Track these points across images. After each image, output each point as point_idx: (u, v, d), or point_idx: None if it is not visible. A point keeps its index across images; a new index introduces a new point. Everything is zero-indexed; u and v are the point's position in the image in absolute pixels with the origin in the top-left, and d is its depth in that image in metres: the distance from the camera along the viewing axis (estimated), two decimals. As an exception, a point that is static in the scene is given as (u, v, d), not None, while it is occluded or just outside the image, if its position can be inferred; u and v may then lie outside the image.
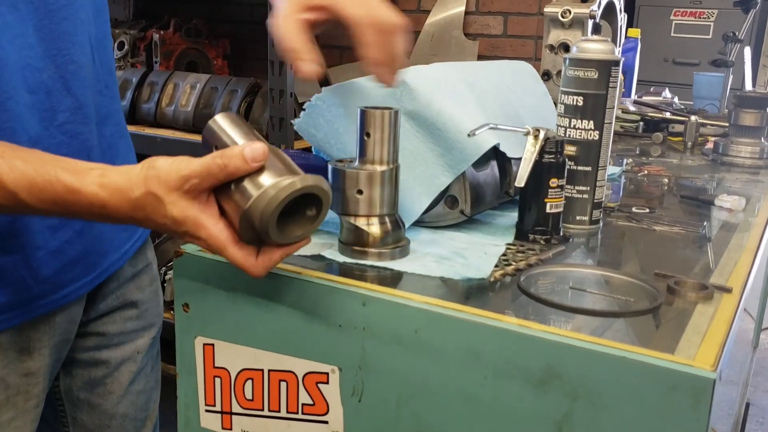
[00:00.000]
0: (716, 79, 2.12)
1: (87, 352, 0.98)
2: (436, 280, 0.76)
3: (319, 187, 0.67)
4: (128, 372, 1.02)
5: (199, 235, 0.67)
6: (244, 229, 0.67)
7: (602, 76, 0.92)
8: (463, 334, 0.67)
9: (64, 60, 0.82)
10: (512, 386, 0.64)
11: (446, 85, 0.95)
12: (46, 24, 0.80)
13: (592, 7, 1.44)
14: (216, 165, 0.65)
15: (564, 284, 0.77)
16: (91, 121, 0.86)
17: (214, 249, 0.68)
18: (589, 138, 0.94)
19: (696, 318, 0.69)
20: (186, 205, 0.66)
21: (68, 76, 0.82)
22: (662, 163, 1.55)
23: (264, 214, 0.65)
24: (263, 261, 0.68)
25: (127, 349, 1.01)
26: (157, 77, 2.61)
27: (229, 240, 0.67)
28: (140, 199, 0.66)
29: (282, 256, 0.69)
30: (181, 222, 0.66)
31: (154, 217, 0.67)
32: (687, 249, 0.94)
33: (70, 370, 0.97)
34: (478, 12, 3.17)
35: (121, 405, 1.02)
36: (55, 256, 0.85)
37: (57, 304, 0.87)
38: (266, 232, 0.66)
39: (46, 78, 0.80)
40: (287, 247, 0.69)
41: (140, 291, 1.03)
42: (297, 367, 0.76)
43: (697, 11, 3.27)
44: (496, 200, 0.98)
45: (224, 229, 0.67)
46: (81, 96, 0.84)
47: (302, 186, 0.66)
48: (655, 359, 0.60)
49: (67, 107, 0.82)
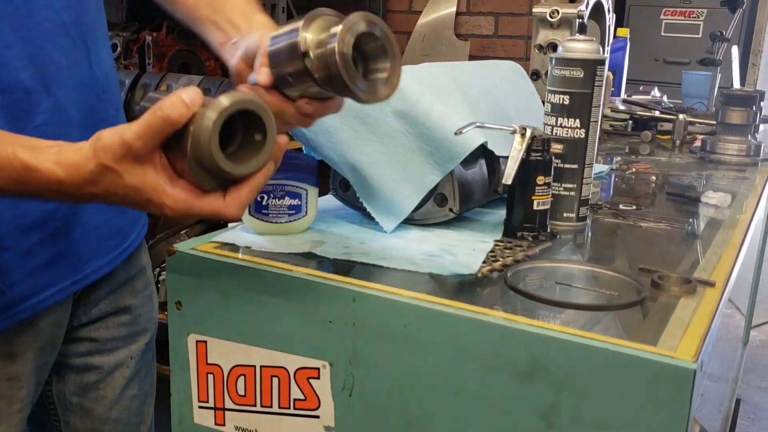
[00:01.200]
0: (704, 77, 2.14)
1: (79, 357, 0.97)
2: (424, 276, 0.78)
3: (251, 102, 0.65)
4: (121, 377, 1.01)
5: (161, 200, 0.65)
6: (199, 176, 0.65)
7: (588, 75, 0.94)
8: (451, 328, 0.68)
9: (45, 61, 0.81)
10: (499, 379, 0.66)
11: (435, 84, 0.97)
12: (25, 24, 0.79)
13: (580, 7, 1.46)
14: (158, 118, 0.62)
15: (550, 279, 0.78)
16: (74, 124, 0.85)
17: (180, 209, 0.66)
18: (576, 136, 0.96)
19: (679, 311, 0.71)
20: (141, 170, 0.64)
21: (48, 77, 0.81)
22: (651, 161, 1.57)
23: (203, 145, 0.62)
24: (232, 199, 0.66)
25: (120, 355, 1.00)
26: (150, 79, 2.62)
27: (192, 195, 0.66)
28: (94, 173, 0.64)
29: (250, 191, 0.67)
30: (141, 189, 0.64)
31: (114, 189, 0.65)
32: (672, 245, 0.95)
33: (63, 374, 0.97)
34: (469, 12, 3.19)
35: (114, 410, 1.01)
36: (26, 258, 0.83)
37: (35, 309, 0.85)
38: (216, 166, 0.63)
39: (25, 78, 0.79)
40: (251, 180, 0.67)
41: (134, 296, 1.02)
42: (288, 362, 0.77)
43: (687, 11, 3.29)
44: (484, 198, 0.99)
45: (185, 187, 0.66)
46: (62, 97, 0.83)
47: (230, 103, 0.63)
48: (638, 351, 0.61)
49: (46, 108, 0.81)
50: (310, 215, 0.90)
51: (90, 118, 0.88)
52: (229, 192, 0.67)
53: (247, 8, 0.85)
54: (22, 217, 0.81)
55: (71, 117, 0.85)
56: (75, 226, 0.87)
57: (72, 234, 0.87)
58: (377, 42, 0.70)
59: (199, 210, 0.66)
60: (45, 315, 0.87)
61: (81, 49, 0.87)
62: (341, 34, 0.67)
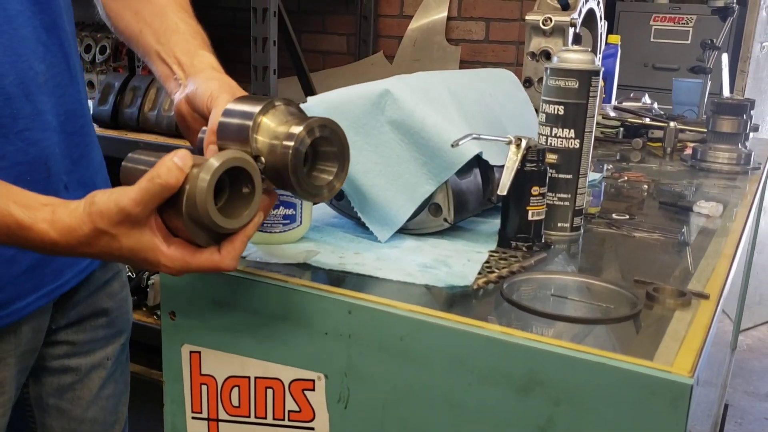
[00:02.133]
0: (695, 85, 2.15)
1: (57, 359, 0.97)
2: (420, 287, 0.78)
3: (238, 159, 0.66)
4: (98, 378, 1.01)
5: (158, 259, 0.67)
6: (195, 233, 0.66)
7: (582, 85, 0.94)
8: (448, 341, 0.68)
9: (24, 66, 0.80)
10: (496, 392, 0.66)
11: (430, 93, 0.97)
12: (6, 30, 0.79)
13: (573, 15, 1.47)
14: (157, 185, 0.64)
15: (546, 291, 0.78)
16: (50, 128, 0.85)
17: (177, 267, 0.67)
18: (570, 146, 0.96)
19: (674, 324, 0.71)
20: (138, 233, 0.66)
21: (28, 82, 0.81)
22: (642, 168, 1.57)
23: (200, 205, 0.64)
24: (227, 252, 0.68)
25: (96, 357, 1.01)
26: (139, 82, 2.60)
27: (188, 253, 0.67)
28: (89, 236, 0.66)
29: (243, 241, 0.69)
30: (138, 250, 0.66)
31: (108, 250, 0.66)
32: (666, 255, 0.96)
33: (40, 377, 0.97)
34: (460, 17, 3.20)
35: (90, 410, 1.01)
36: (8, 265, 0.83)
37: (19, 314, 0.85)
38: (213, 223, 0.65)
39: (7, 84, 0.78)
40: (243, 231, 0.69)
41: (111, 299, 1.02)
42: (283, 374, 0.77)
43: (677, 17, 3.30)
44: (479, 207, 0.99)
45: (181, 244, 0.67)
46: (40, 103, 0.83)
47: (221, 163, 0.65)
48: (635, 365, 0.61)
49: (27, 114, 0.81)
50: (305, 225, 0.90)
51: (68, 124, 0.88)
52: (224, 246, 0.68)
53: (191, 44, 0.85)
54: None
55: (49, 122, 0.85)
56: None
57: None
58: (331, 147, 0.72)
59: (196, 265, 0.68)
60: (26, 320, 0.87)
61: (57, 53, 0.87)
62: (298, 137, 0.68)
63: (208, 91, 0.77)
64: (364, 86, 0.93)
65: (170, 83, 0.85)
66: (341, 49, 3.52)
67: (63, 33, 0.87)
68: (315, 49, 3.56)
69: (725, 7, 2.21)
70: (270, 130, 0.69)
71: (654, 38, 3.39)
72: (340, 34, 3.52)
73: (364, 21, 3.44)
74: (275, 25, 2.28)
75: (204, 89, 0.78)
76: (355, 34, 3.46)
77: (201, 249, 0.68)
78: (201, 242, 0.67)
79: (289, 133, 0.68)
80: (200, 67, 0.83)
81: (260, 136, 0.69)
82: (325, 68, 3.54)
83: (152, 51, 0.87)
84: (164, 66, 0.86)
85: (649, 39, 3.38)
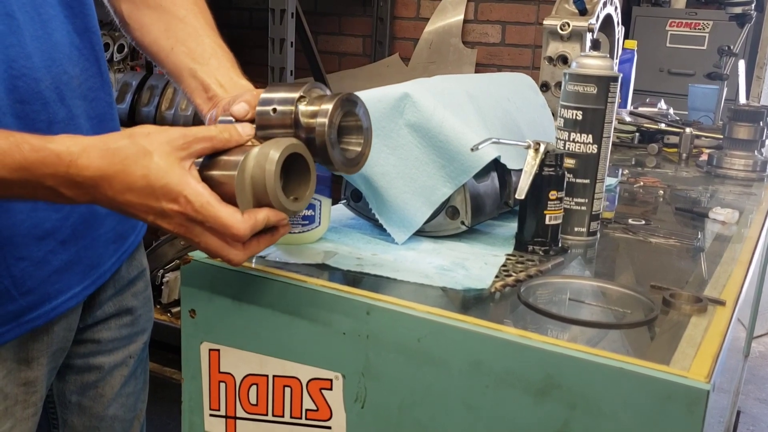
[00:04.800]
0: (711, 91, 2.15)
1: (81, 358, 0.98)
2: (437, 289, 0.78)
3: (298, 146, 0.72)
4: (120, 376, 1.02)
5: (181, 189, 0.65)
6: (242, 192, 0.69)
7: (601, 91, 0.95)
8: (465, 343, 0.69)
9: (58, 71, 0.82)
10: (513, 395, 0.66)
11: (449, 97, 0.97)
12: (41, 34, 0.80)
13: (591, 21, 1.47)
14: (214, 129, 0.67)
15: (563, 295, 0.79)
16: (83, 132, 0.86)
17: (197, 204, 0.66)
18: (588, 151, 0.96)
19: (690, 330, 0.71)
20: (174, 159, 0.66)
21: (62, 87, 0.82)
22: (657, 174, 1.57)
23: (268, 179, 0.68)
24: (249, 218, 0.68)
25: (120, 355, 1.01)
26: (156, 81, 2.62)
27: (213, 196, 0.67)
28: (121, 148, 0.64)
29: (266, 217, 0.69)
30: (165, 174, 0.65)
31: (131, 168, 0.65)
32: (682, 261, 0.96)
33: (63, 374, 0.97)
34: (476, 20, 3.20)
35: (112, 407, 1.02)
36: (40, 266, 0.83)
37: (49, 316, 0.86)
38: (275, 195, 0.69)
39: (43, 89, 0.80)
40: (272, 210, 0.70)
41: (135, 298, 1.03)
42: (301, 373, 0.78)
43: (693, 22, 3.30)
44: (495, 211, 1.00)
45: (208, 188, 0.67)
46: (74, 107, 0.84)
47: (290, 144, 0.70)
48: (651, 370, 0.62)
49: (62, 118, 0.82)
50: (323, 226, 0.91)
51: (100, 128, 0.89)
52: (248, 212, 0.69)
53: (233, 72, 0.90)
54: (38, 226, 0.82)
55: (82, 126, 0.86)
56: (84, 233, 0.88)
57: (81, 241, 0.88)
58: (355, 119, 0.77)
59: (214, 213, 0.67)
60: (58, 320, 0.88)
61: (90, 57, 0.88)
62: (331, 112, 0.73)
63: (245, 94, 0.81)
64: (384, 89, 0.94)
65: (199, 98, 0.88)
66: (357, 50, 3.54)
67: (94, 36, 0.88)
68: (331, 51, 3.57)
69: (743, 14, 2.20)
70: (305, 110, 0.74)
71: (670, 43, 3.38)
72: (356, 36, 3.53)
73: (380, 23, 3.45)
74: (293, 26, 2.30)
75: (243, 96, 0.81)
76: (371, 36, 3.47)
77: (226, 203, 0.68)
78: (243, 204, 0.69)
79: (323, 109, 0.72)
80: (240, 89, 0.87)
81: (302, 117, 0.73)
82: (341, 70, 3.55)
83: (185, 68, 0.90)
84: (197, 82, 0.89)
85: (665, 44, 3.37)
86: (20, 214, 0.79)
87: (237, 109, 0.77)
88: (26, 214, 0.80)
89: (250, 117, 0.77)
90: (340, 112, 0.74)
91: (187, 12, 0.94)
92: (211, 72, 0.89)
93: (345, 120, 0.76)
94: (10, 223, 0.79)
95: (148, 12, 0.94)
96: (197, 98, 0.89)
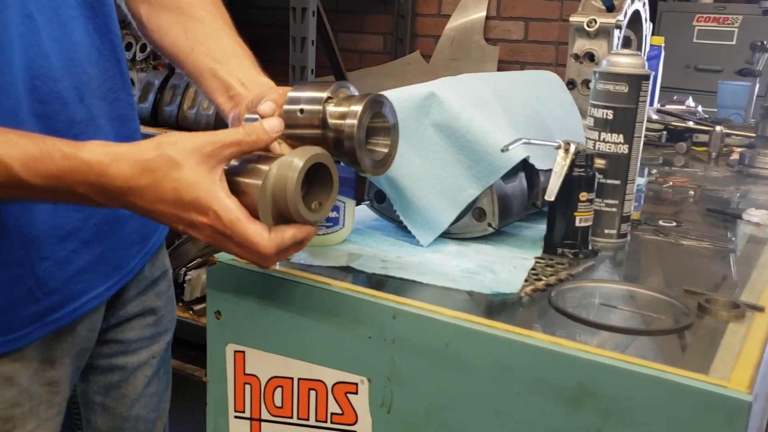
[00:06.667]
0: (742, 88, 2.10)
1: (105, 358, 0.98)
2: (464, 293, 0.77)
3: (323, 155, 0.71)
4: (143, 376, 1.02)
5: (210, 203, 0.65)
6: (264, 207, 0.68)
7: (632, 90, 0.92)
8: (495, 349, 0.67)
9: (78, 71, 0.82)
10: (544, 402, 0.65)
11: (475, 96, 0.96)
12: (60, 35, 0.80)
13: (619, 17, 1.44)
14: (241, 132, 0.66)
15: (594, 300, 0.77)
16: (103, 133, 0.86)
17: (225, 220, 0.66)
18: (619, 151, 0.94)
19: (728, 337, 0.69)
20: (204, 170, 0.65)
21: (82, 87, 0.82)
22: (686, 174, 1.54)
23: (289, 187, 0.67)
24: (276, 237, 0.68)
25: (143, 355, 1.02)
26: (179, 80, 2.63)
27: (242, 212, 0.67)
28: (151, 161, 0.64)
29: (293, 235, 0.69)
30: (195, 187, 0.65)
31: (162, 182, 0.64)
32: (715, 264, 0.93)
33: (87, 375, 0.98)
34: (499, 17, 3.17)
35: (135, 408, 1.02)
36: (63, 266, 0.83)
37: (72, 317, 0.86)
38: (295, 206, 0.68)
39: (62, 89, 0.79)
40: (298, 227, 0.70)
41: (158, 298, 1.03)
42: (326, 376, 0.77)
43: (721, 17, 3.23)
44: (523, 212, 0.98)
45: (238, 203, 0.67)
46: (93, 108, 0.84)
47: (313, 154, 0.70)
48: (689, 379, 0.60)
49: (82, 119, 0.82)
50: (347, 227, 0.90)
51: (120, 128, 0.89)
52: (274, 230, 0.69)
53: (254, 70, 0.90)
54: (61, 226, 0.82)
55: (102, 126, 0.86)
56: (107, 234, 0.88)
57: (105, 242, 0.88)
58: (383, 121, 0.76)
59: (244, 228, 0.67)
60: (81, 321, 0.88)
61: (110, 58, 0.88)
62: (360, 114, 0.72)
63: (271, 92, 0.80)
64: (409, 89, 0.93)
65: (221, 97, 0.88)
66: (378, 48, 3.52)
67: (115, 37, 0.88)
68: (352, 49, 3.56)
69: (778, 8, 2.15)
70: (333, 111, 0.73)
71: (697, 39, 3.32)
72: (377, 34, 3.52)
73: (401, 20, 3.43)
74: (314, 24, 2.29)
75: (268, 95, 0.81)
76: (392, 34, 3.46)
77: (253, 219, 0.68)
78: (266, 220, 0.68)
79: (352, 110, 0.72)
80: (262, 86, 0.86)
81: (330, 118, 0.73)
82: (362, 67, 3.54)
83: (206, 68, 0.90)
84: (218, 82, 0.88)
85: (691, 39, 3.31)
86: (41, 213, 0.79)
87: (264, 108, 0.76)
88: (48, 214, 0.80)
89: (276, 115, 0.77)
90: (369, 113, 0.73)
91: (206, 13, 0.94)
92: (232, 71, 0.88)
93: (372, 121, 0.75)
94: (32, 222, 0.79)
95: (166, 14, 0.94)
96: (219, 98, 0.88)
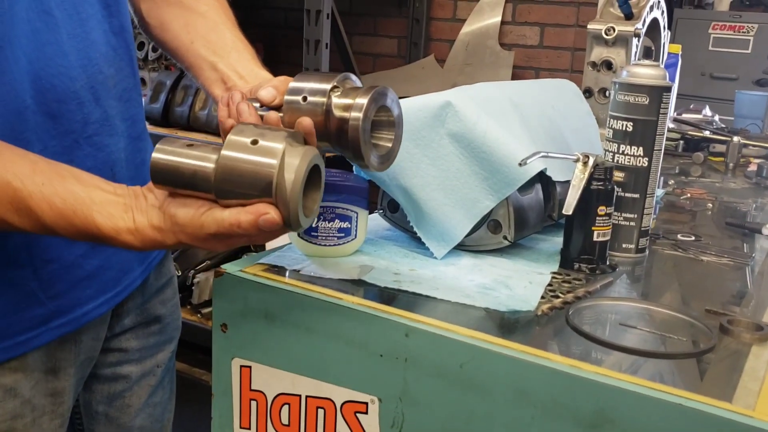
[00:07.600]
0: (759, 98, 2.07)
1: (109, 367, 0.96)
2: (479, 310, 0.74)
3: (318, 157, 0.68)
4: (147, 386, 1.00)
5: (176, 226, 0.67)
6: None
7: (653, 101, 0.90)
8: (511, 371, 0.65)
9: (94, 70, 0.80)
10: (561, 427, 0.62)
11: (492, 105, 0.94)
12: (78, 33, 0.78)
13: (637, 25, 1.41)
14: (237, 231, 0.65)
15: (614, 320, 0.74)
16: (117, 133, 0.85)
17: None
18: (638, 164, 0.92)
19: (752, 362, 0.66)
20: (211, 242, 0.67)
21: (98, 87, 0.81)
22: (704, 184, 1.51)
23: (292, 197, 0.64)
24: None
25: (147, 364, 1.00)
26: (190, 81, 2.61)
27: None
28: (169, 245, 0.68)
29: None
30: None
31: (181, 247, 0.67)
32: (737, 282, 0.91)
33: (90, 384, 0.96)
34: (514, 22, 3.14)
35: (138, 418, 1.00)
36: (69, 270, 0.82)
37: (79, 323, 0.84)
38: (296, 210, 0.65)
39: (78, 88, 0.78)
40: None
41: (163, 305, 1.01)
42: (335, 395, 0.75)
43: (737, 25, 3.20)
44: (540, 225, 0.95)
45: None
46: (108, 107, 0.83)
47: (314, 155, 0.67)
48: (712, 407, 0.57)
49: (96, 119, 0.81)
50: (359, 239, 0.88)
51: (132, 129, 0.88)
52: None
53: (253, 64, 0.89)
54: None
55: (116, 127, 0.85)
56: None
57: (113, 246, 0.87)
58: (387, 115, 0.75)
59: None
60: (86, 329, 0.87)
61: (125, 57, 0.87)
62: (366, 106, 0.70)
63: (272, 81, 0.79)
64: (425, 98, 0.91)
65: (218, 89, 0.87)
66: (392, 51, 3.50)
67: (129, 36, 0.87)
68: (366, 52, 3.54)
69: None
70: (338, 102, 0.71)
71: (713, 47, 3.29)
72: (391, 37, 3.50)
73: (415, 24, 3.41)
74: (328, 27, 2.27)
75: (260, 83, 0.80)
76: (407, 37, 3.44)
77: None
78: None
79: (357, 103, 0.70)
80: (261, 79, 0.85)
81: (335, 109, 0.71)
82: (376, 71, 3.52)
83: (205, 61, 0.89)
84: (216, 74, 0.88)
85: (707, 47, 3.28)
86: None
87: (264, 94, 0.75)
88: None
89: (277, 103, 0.75)
90: (375, 106, 0.71)
91: (208, 8, 0.94)
92: (231, 64, 0.88)
93: (377, 115, 0.73)
94: None
95: (168, 9, 0.93)
96: (216, 89, 0.88)
